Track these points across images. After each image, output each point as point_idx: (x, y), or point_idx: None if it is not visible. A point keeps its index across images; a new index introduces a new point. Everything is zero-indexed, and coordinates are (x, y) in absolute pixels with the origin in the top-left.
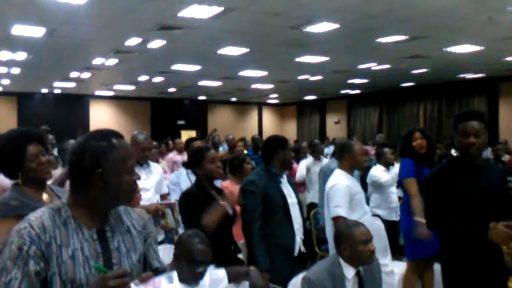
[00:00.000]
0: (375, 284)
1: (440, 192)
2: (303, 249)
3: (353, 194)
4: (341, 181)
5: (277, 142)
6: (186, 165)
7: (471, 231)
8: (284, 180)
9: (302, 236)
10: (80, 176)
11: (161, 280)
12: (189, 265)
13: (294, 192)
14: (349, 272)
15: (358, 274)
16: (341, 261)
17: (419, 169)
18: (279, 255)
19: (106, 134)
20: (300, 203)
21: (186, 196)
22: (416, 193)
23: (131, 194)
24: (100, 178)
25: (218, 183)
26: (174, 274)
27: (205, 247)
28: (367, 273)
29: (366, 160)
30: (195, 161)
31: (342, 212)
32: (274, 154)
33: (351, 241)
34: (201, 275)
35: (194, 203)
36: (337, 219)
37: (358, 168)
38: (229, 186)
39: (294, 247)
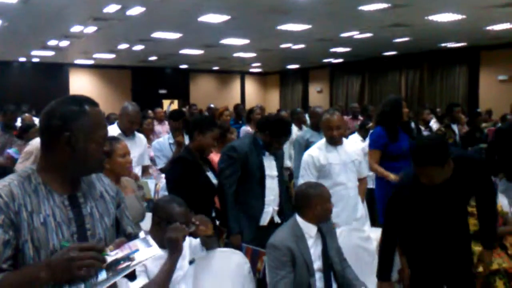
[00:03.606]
0: (333, 238)
1: (396, 214)
2: (277, 219)
3: (321, 166)
4: (311, 152)
5: (270, 124)
6: (189, 126)
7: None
8: (268, 154)
9: (277, 208)
10: (49, 138)
11: (136, 243)
12: None
13: (278, 167)
14: (312, 230)
15: (320, 230)
16: (300, 221)
17: (392, 141)
18: (245, 221)
19: (80, 100)
20: (281, 176)
21: (176, 163)
22: (374, 164)
23: (98, 163)
24: (67, 142)
25: None
26: (149, 238)
27: (184, 209)
28: (325, 228)
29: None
30: (202, 127)
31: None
32: (263, 132)
33: (319, 201)
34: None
35: (183, 169)
36: None
37: (326, 139)
38: (212, 155)
39: (262, 216)
